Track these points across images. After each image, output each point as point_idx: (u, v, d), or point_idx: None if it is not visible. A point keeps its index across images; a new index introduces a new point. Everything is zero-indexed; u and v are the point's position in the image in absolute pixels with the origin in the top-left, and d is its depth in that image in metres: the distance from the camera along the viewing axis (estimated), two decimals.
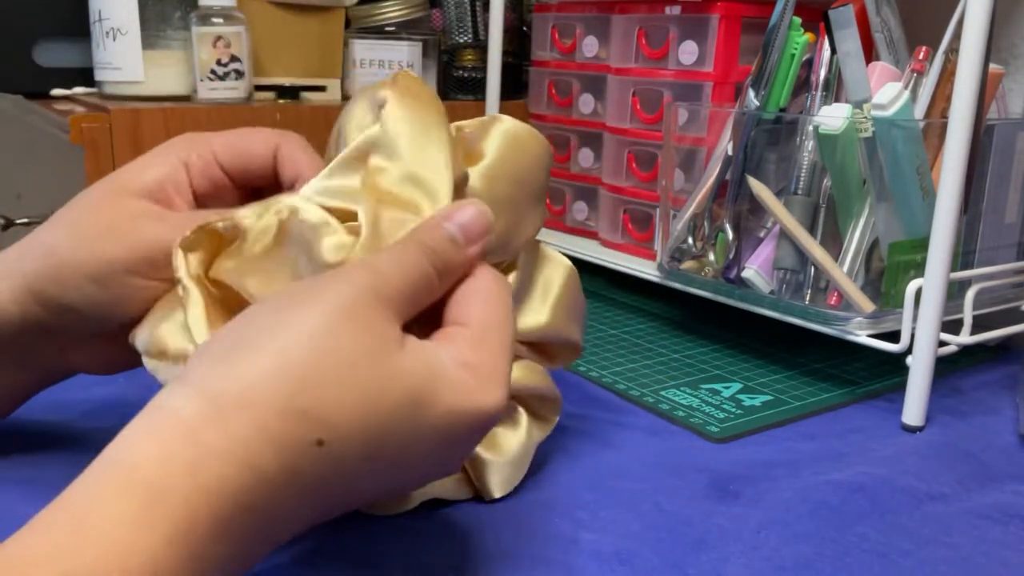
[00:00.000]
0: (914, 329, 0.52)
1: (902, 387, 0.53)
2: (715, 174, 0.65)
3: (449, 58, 0.99)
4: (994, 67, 0.57)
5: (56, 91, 0.95)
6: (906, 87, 0.57)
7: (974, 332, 0.56)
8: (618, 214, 0.79)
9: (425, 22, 0.98)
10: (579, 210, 0.85)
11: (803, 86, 0.64)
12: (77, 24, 0.90)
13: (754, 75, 0.63)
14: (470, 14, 0.98)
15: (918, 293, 0.52)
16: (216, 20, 0.82)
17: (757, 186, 0.60)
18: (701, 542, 0.39)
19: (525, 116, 0.90)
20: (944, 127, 0.49)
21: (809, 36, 0.62)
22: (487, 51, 0.89)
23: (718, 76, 0.70)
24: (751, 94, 0.63)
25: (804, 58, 0.63)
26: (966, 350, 0.57)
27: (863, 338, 0.55)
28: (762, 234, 0.63)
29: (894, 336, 0.54)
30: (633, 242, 0.78)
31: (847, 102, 0.58)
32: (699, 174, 0.68)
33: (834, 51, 0.60)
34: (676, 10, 0.71)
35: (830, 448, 0.50)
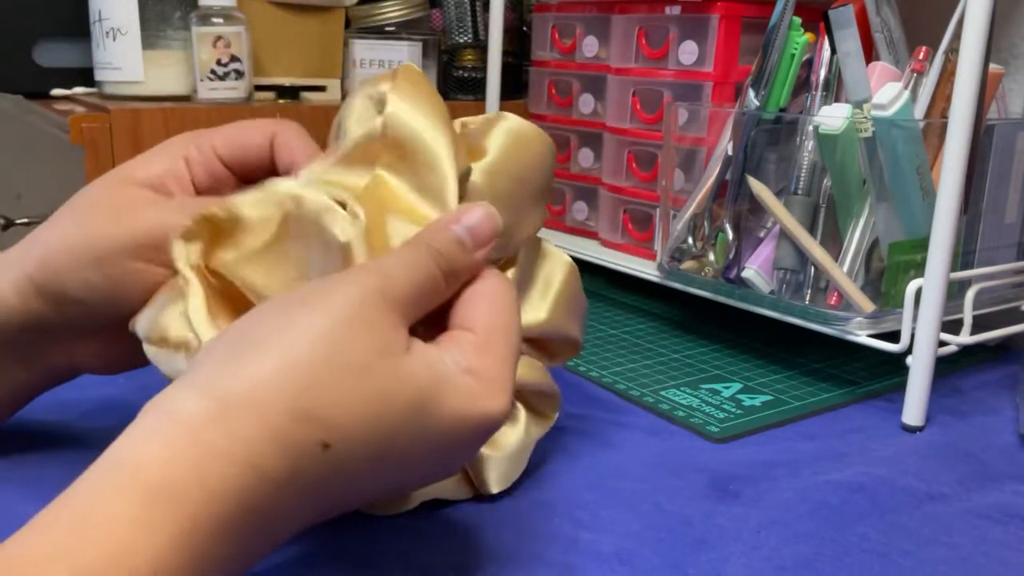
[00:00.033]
0: (914, 329, 0.52)
1: (902, 387, 0.53)
2: (715, 174, 0.65)
3: (449, 58, 0.99)
4: (994, 67, 0.57)
5: (56, 91, 0.95)
6: (906, 87, 0.57)
7: (974, 332, 0.56)
8: (618, 214, 0.79)
9: (425, 22, 0.98)
10: (579, 210, 0.85)
11: (803, 86, 0.64)
12: (77, 24, 0.90)
13: (754, 75, 0.63)
14: (470, 14, 0.98)
15: (918, 293, 0.52)
16: (216, 20, 0.82)
17: (757, 186, 0.60)
18: (701, 542, 0.39)
19: (525, 116, 0.89)
20: (944, 127, 0.49)
21: (809, 36, 0.62)
22: (487, 51, 0.89)
23: (718, 76, 0.70)
24: (751, 94, 0.63)
25: (804, 58, 0.63)
26: (966, 350, 0.57)
27: (863, 338, 0.55)
28: (762, 234, 0.63)
29: (894, 336, 0.54)
30: (633, 242, 0.78)
31: (847, 102, 0.58)
32: (699, 174, 0.68)
33: (834, 51, 0.60)
34: (676, 10, 0.71)
35: (830, 448, 0.50)
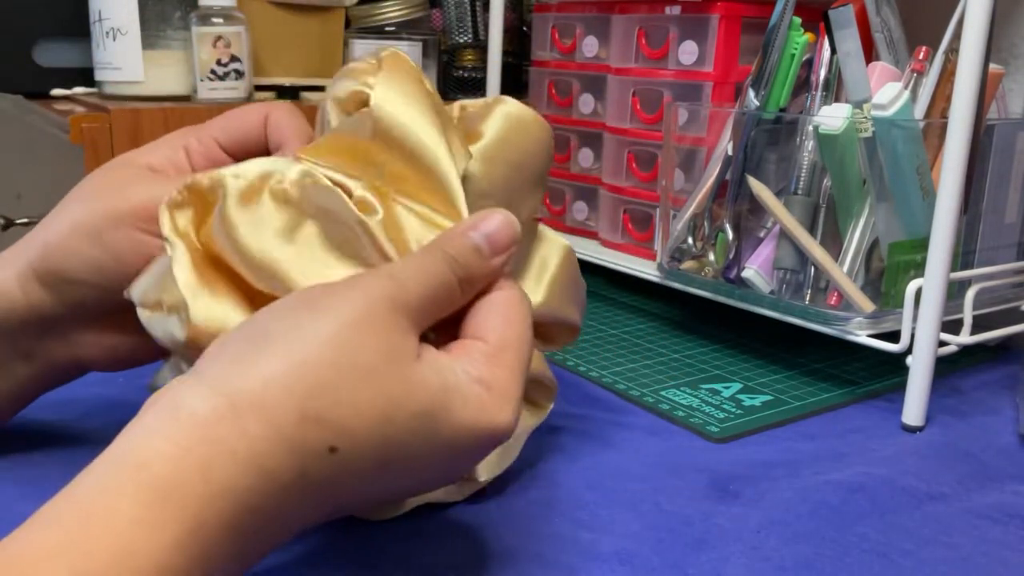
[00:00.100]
0: (914, 329, 0.52)
1: (902, 387, 0.53)
2: (715, 174, 0.65)
3: (449, 58, 0.99)
4: (994, 67, 0.57)
5: (56, 91, 0.95)
6: (906, 87, 0.57)
7: (974, 332, 0.56)
8: (618, 214, 0.79)
9: (425, 22, 0.98)
10: (579, 210, 0.85)
11: (803, 86, 0.64)
12: (77, 24, 0.90)
13: (754, 75, 0.63)
14: (470, 14, 0.98)
15: (918, 293, 0.52)
16: (216, 20, 0.82)
17: (757, 186, 0.60)
18: (701, 542, 0.39)
19: None
20: (944, 127, 0.49)
21: (809, 36, 0.62)
22: (487, 51, 0.89)
23: (718, 76, 0.70)
24: (751, 94, 0.63)
25: (804, 58, 0.63)
26: (966, 350, 0.57)
27: (863, 338, 0.55)
28: (762, 234, 0.63)
29: (894, 336, 0.54)
30: (633, 242, 0.78)
31: (847, 102, 0.58)
32: (699, 174, 0.67)
33: (834, 51, 0.60)
34: (676, 10, 0.71)
35: (830, 448, 0.50)
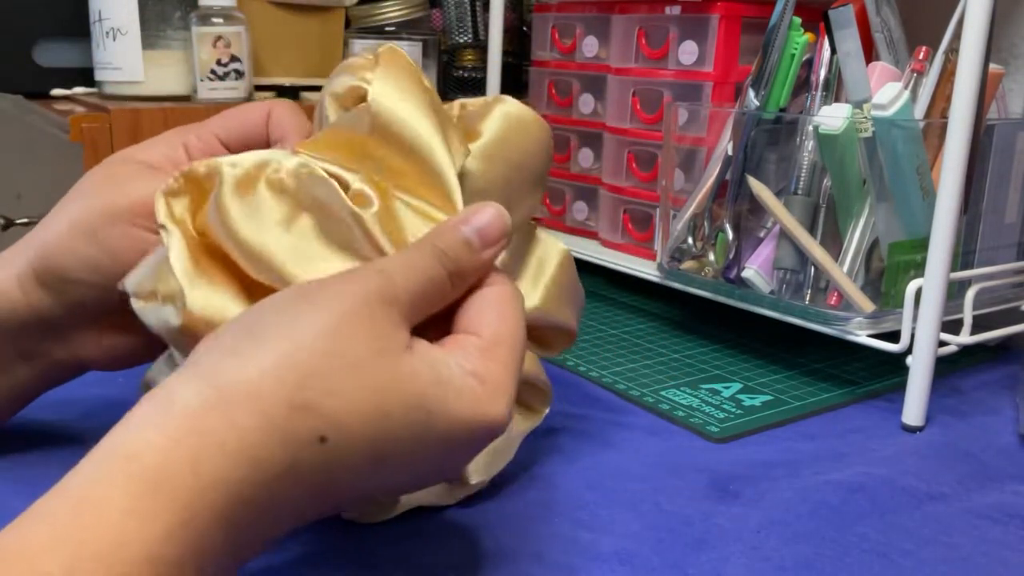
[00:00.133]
0: (914, 329, 0.52)
1: (902, 387, 0.53)
2: (715, 174, 0.65)
3: (449, 58, 0.99)
4: (994, 67, 0.57)
5: (56, 91, 0.95)
6: (906, 87, 0.57)
7: (974, 332, 0.56)
8: (618, 214, 0.79)
9: (425, 22, 0.98)
10: (579, 210, 0.85)
11: (803, 86, 0.64)
12: (77, 24, 0.90)
13: (754, 75, 0.63)
14: (470, 14, 0.98)
15: (918, 293, 0.52)
16: (216, 20, 0.82)
17: (757, 186, 0.60)
18: (701, 542, 0.39)
19: None
20: (944, 127, 0.49)
21: (809, 36, 0.62)
22: (487, 51, 0.89)
23: (718, 76, 0.70)
24: (751, 94, 0.63)
25: (804, 58, 0.63)
26: (966, 350, 0.57)
27: (863, 338, 0.55)
28: (762, 234, 0.63)
29: (894, 336, 0.54)
30: (633, 242, 0.78)
31: (847, 102, 0.58)
32: (699, 174, 0.67)
33: (834, 51, 0.60)
34: (676, 10, 0.71)
35: (830, 448, 0.50)
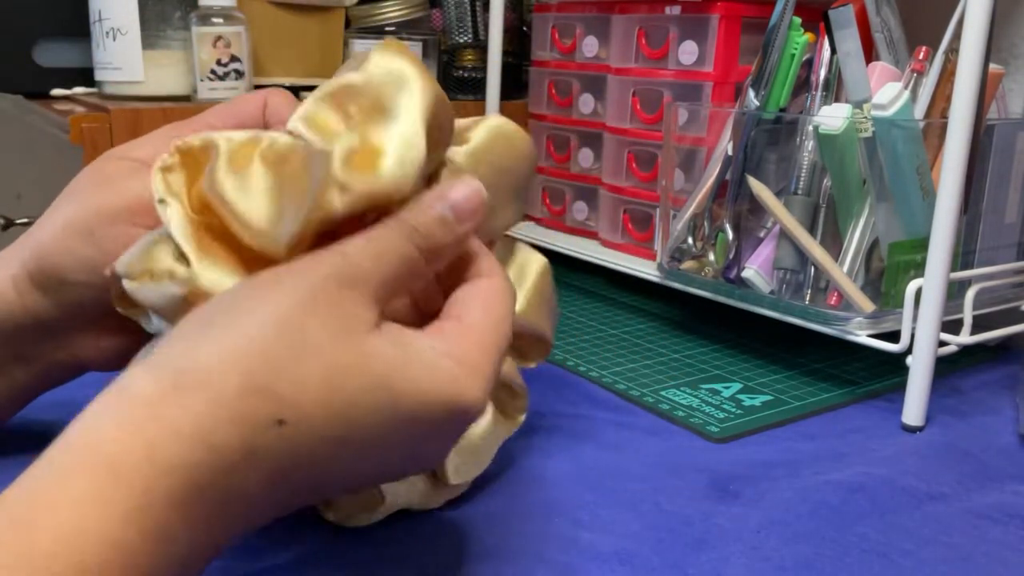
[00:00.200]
0: (914, 329, 0.52)
1: (902, 387, 0.53)
2: (715, 174, 0.65)
3: (449, 58, 0.99)
4: (994, 67, 0.57)
5: (56, 91, 0.95)
6: (906, 87, 0.57)
7: (974, 332, 0.56)
8: (618, 214, 0.79)
9: (425, 22, 0.98)
10: (579, 210, 0.85)
11: (803, 86, 0.64)
12: (77, 24, 0.90)
13: (754, 75, 0.63)
14: (470, 14, 0.98)
15: (918, 293, 0.52)
16: (216, 20, 0.82)
17: (757, 186, 0.60)
18: (701, 542, 0.39)
19: (525, 116, 0.90)
20: (944, 127, 0.49)
21: (809, 36, 0.62)
22: (487, 51, 0.89)
23: (718, 76, 0.70)
24: (751, 94, 0.63)
25: (804, 58, 0.63)
26: (966, 350, 0.57)
27: (863, 338, 0.55)
28: (762, 234, 0.63)
29: (894, 336, 0.54)
30: (633, 242, 0.78)
31: (847, 102, 0.58)
32: (699, 174, 0.67)
33: (834, 51, 0.60)
34: (676, 10, 0.71)
35: (830, 448, 0.50)
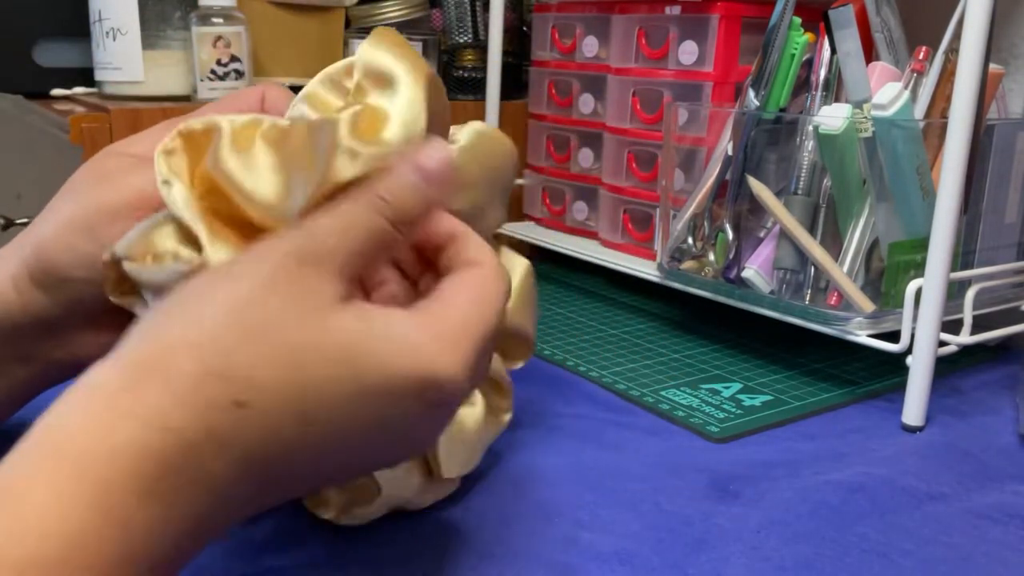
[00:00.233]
0: (914, 329, 0.52)
1: (902, 387, 0.53)
2: (715, 174, 0.65)
3: (449, 58, 0.99)
4: (994, 67, 0.57)
5: (56, 91, 0.95)
6: (906, 87, 0.57)
7: (974, 332, 0.56)
8: (618, 214, 0.79)
9: (425, 22, 0.98)
10: (579, 210, 0.85)
11: (803, 86, 0.64)
12: (77, 24, 0.90)
13: (754, 75, 0.63)
14: (470, 14, 0.98)
15: (918, 293, 0.52)
16: (216, 20, 0.82)
17: (757, 186, 0.60)
18: (701, 542, 0.39)
19: (525, 116, 0.90)
20: (944, 127, 0.49)
21: (809, 36, 0.62)
22: (487, 51, 0.89)
23: (718, 76, 0.70)
24: (751, 94, 0.63)
25: (804, 58, 0.63)
26: (966, 350, 0.57)
27: (863, 338, 0.55)
28: (762, 234, 0.63)
29: (894, 336, 0.54)
30: (633, 242, 0.78)
31: (847, 102, 0.58)
32: (699, 174, 0.68)
33: (834, 51, 0.60)
34: (676, 10, 0.71)
35: (830, 448, 0.50)
